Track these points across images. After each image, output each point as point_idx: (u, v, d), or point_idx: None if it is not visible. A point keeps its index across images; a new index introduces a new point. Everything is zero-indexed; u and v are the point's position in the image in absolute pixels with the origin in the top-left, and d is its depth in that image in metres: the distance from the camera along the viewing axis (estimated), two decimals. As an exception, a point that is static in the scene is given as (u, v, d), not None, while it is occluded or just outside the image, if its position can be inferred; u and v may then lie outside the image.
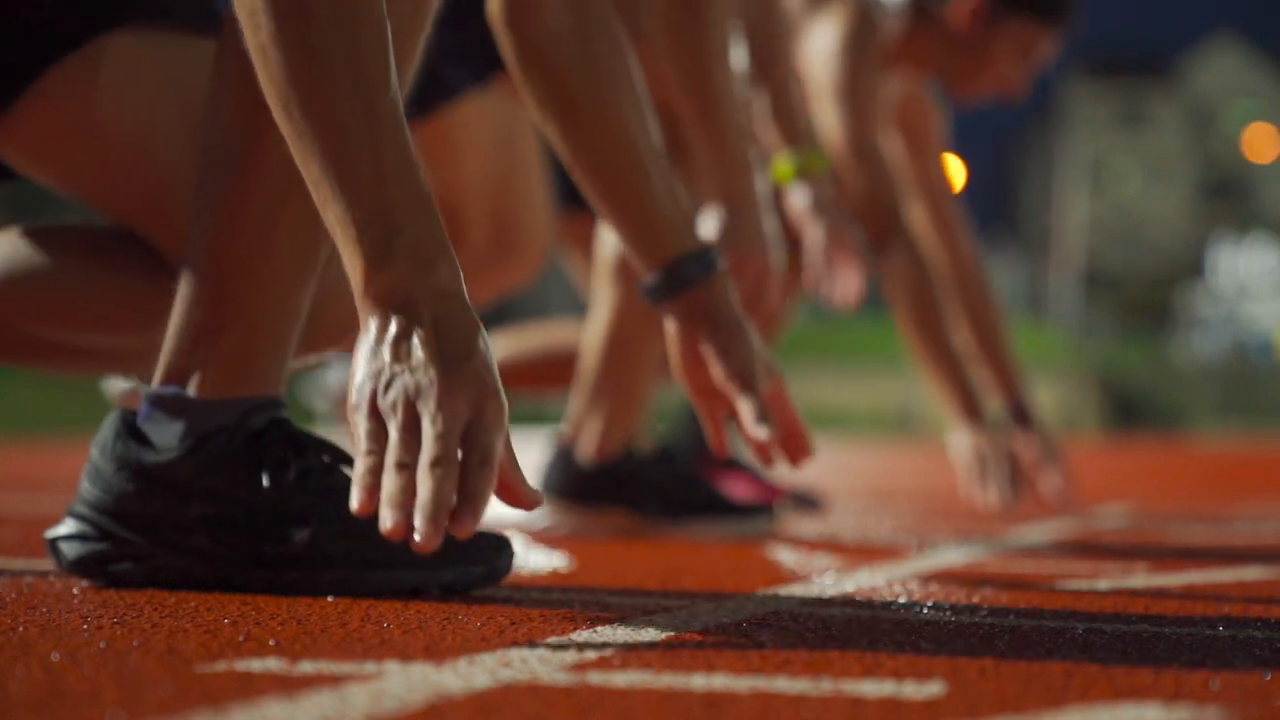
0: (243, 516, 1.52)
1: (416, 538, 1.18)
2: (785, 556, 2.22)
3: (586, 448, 2.79)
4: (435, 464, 1.20)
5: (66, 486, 1.51)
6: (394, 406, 1.24)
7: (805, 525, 3.00)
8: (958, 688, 1.06)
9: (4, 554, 1.97)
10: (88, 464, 1.56)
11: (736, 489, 3.26)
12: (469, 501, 1.21)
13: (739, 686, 1.05)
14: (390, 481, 1.21)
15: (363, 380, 1.26)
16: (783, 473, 4.73)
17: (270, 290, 1.52)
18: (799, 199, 2.71)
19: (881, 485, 5.72)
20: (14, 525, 2.63)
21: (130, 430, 1.55)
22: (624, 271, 2.76)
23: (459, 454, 1.22)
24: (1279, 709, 1.02)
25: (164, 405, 1.54)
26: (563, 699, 0.99)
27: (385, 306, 1.27)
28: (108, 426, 1.55)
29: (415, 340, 1.25)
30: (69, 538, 1.55)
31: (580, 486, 2.77)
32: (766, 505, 2.71)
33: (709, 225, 2.20)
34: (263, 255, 1.50)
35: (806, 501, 3.35)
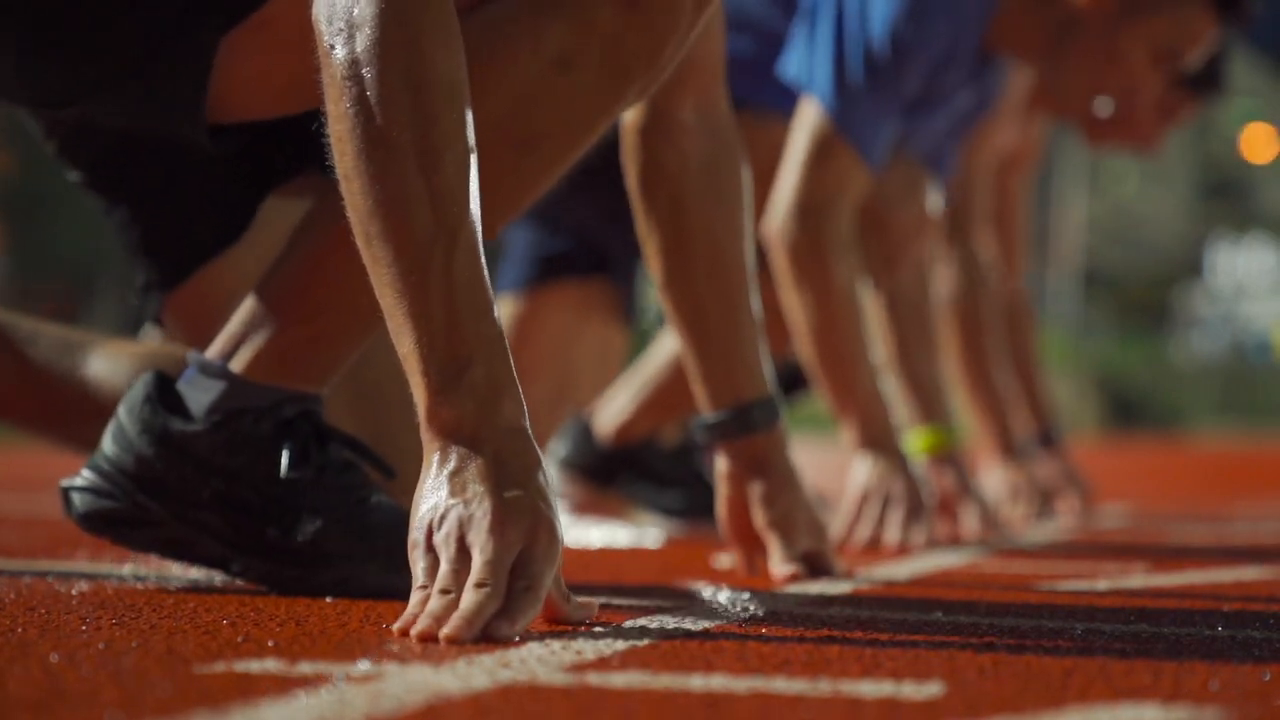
0: (255, 501, 1.52)
1: (446, 629, 1.20)
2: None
3: (607, 426, 2.79)
4: (479, 585, 1.22)
5: (62, 507, 1.52)
6: (447, 539, 1.25)
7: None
8: (956, 688, 1.06)
9: (3, 555, 1.97)
10: (113, 420, 1.55)
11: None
12: (508, 616, 1.23)
13: (738, 687, 1.05)
14: (432, 601, 1.23)
15: (421, 516, 1.28)
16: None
17: (349, 307, 1.51)
18: (948, 479, 2.70)
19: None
20: (13, 526, 2.63)
21: (161, 394, 1.54)
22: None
23: (505, 581, 1.23)
24: (1277, 709, 1.02)
25: (207, 372, 1.54)
26: (561, 700, 0.99)
27: (447, 440, 1.28)
28: (139, 387, 1.54)
29: (473, 473, 1.26)
30: (83, 489, 1.55)
31: (591, 463, 2.77)
32: None
33: (860, 470, 2.37)
34: (354, 272, 1.50)
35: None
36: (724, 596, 1.61)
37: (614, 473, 2.77)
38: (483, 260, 1.30)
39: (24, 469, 5.31)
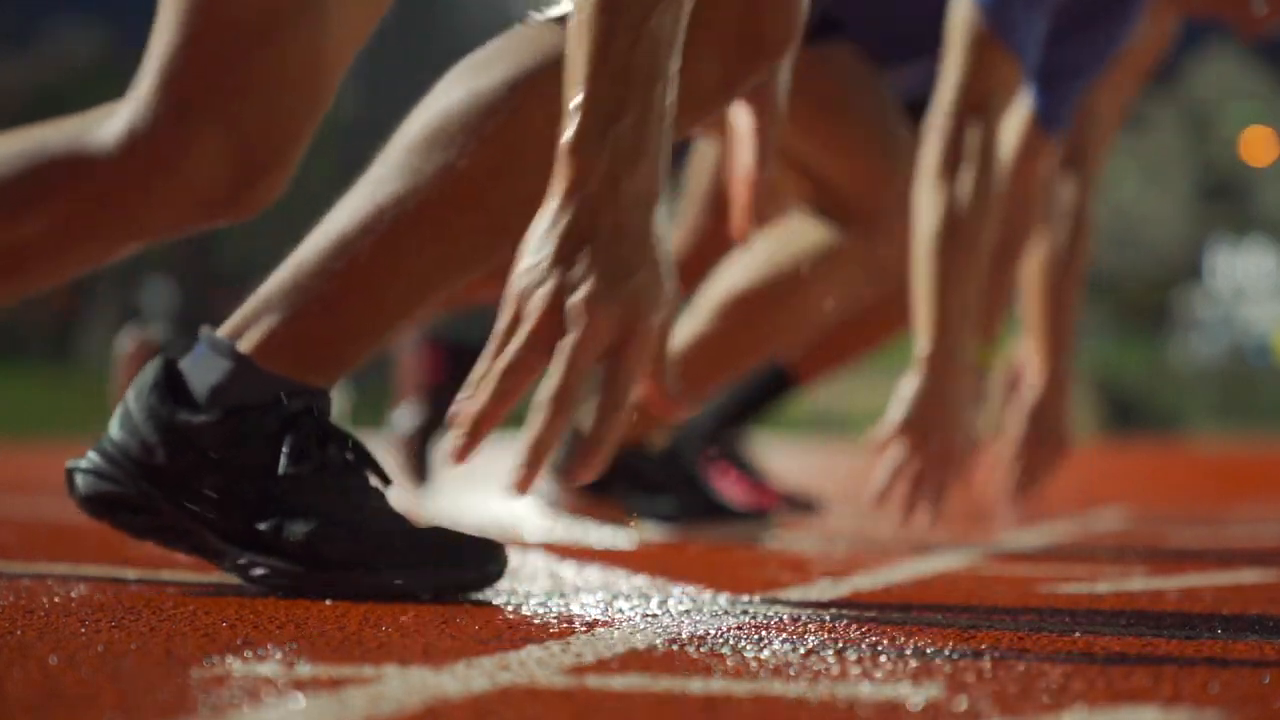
0: (251, 496, 1.51)
1: (514, 476, 1.19)
2: (783, 559, 2.22)
3: None
4: (554, 398, 1.19)
5: (65, 489, 1.51)
6: (537, 305, 1.21)
7: (802, 528, 3.00)
8: (956, 691, 1.06)
9: (2, 556, 1.97)
10: (121, 404, 1.55)
11: (733, 493, 3.26)
12: (589, 452, 1.20)
13: (737, 690, 1.05)
14: (488, 386, 1.20)
15: (524, 270, 1.23)
16: (780, 476, 4.73)
17: (370, 305, 1.50)
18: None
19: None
20: (12, 528, 2.63)
21: (168, 381, 1.53)
22: (726, 308, 2.74)
23: (577, 397, 1.20)
24: (1277, 711, 1.02)
25: (217, 349, 1.52)
26: (561, 702, 0.99)
27: (571, 191, 1.23)
28: (149, 372, 1.54)
29: (586, 239, 1.22)
30: (87, 471, 1.55)
31: None
32: (762, 510, 2.71)
33: (906, 387, 2.34)
34: (381, 271, 1.48)
35: (803, 504, 3.35)
36: (722, 600, 1.61)
37: (609, 480, 2.77)
38: (682, 35, 1.26)
39: (24, 470, 5.31)
